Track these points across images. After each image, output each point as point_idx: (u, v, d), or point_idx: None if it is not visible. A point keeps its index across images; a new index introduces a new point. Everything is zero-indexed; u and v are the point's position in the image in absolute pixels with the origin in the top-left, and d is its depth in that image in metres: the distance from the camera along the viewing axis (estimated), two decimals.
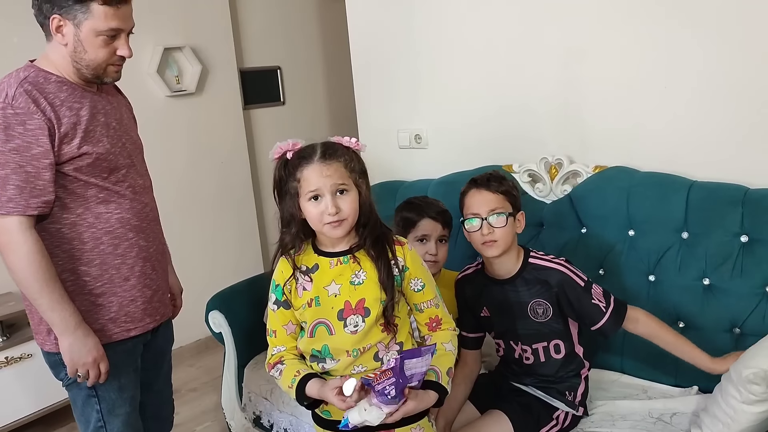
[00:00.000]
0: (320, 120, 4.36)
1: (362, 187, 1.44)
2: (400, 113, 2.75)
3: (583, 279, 1.72)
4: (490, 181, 1.76)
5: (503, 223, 1.71)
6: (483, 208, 1.72)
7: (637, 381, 1.95)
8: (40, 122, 1.47)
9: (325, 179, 1.39)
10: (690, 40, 1.98)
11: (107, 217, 1.60)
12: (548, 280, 1.73)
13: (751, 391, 1.46)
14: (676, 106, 2.04)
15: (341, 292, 1.45)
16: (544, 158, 2.26)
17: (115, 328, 1.65)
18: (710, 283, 1.85)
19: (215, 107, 3.69)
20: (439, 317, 1.52)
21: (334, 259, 1.48)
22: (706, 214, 1.87)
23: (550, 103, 2.30)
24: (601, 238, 2.05)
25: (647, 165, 2.08)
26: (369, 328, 1.44)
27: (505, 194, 1.74)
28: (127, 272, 1.65)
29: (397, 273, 1.46)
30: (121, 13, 1.52)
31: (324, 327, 1.46)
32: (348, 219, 1.42)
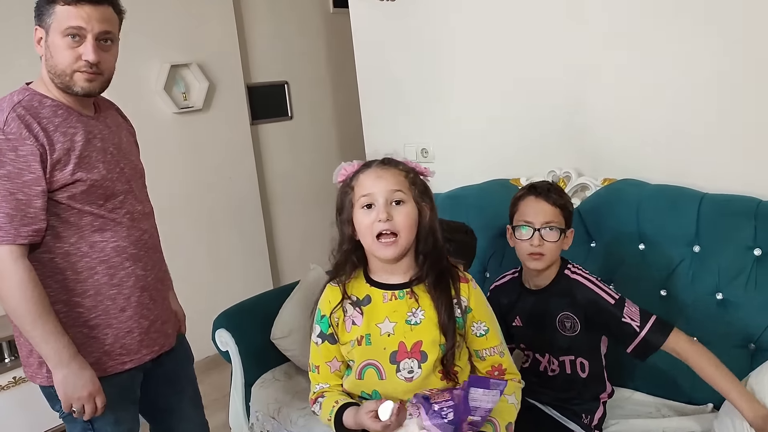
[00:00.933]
0: (328, 134, 4.35)
1: (425, 208, 1.31)
2: (406, 127, 2.74)
3: (614, 297, 1.65)
4: (550, 191, 1.70)
5: (555, 237, 1.66)
6: (539, 218, 1.66)
7: (651, 399, 1.91)
8: (32, 148, 1.42)
9: (380, 182, 1.27)
10: (700, 51, 1.95)
11: (102, 245, 1.54)
12: (576, 294, 1.67)
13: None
14: (686, 118, 2.01)
15: (395, 331, 1.30)
16: (552, 171, 2.23)
17: (109, 360, 1.58)
18: (723, 298, 1.81)
19: (223, 123, 3.69)
20: (503, 367, 1.38)
21: (388, 292, 1.33)
22: (718, 227, 1.84)
23: (558, 116, 2.28)
24: (610, 252, 2.02)
25: (657, 178, 2.04)
26: (426, 375, 1.29)
27: (562, 208, 1.69)
28: (123, 303, 1.58)
29: (459, 314, 1.31)
30: (83, 12, 1.44)
31: (374, 370, 1.32)
32: (401, 235, 1.27)
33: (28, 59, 3.00)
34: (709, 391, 1.78)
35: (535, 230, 1.66)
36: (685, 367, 1.84)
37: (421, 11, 2.59)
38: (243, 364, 2.33)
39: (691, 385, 1.85)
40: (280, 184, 4.13)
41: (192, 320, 2.28)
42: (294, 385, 2.27)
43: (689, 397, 1.86)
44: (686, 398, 1.86)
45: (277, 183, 4.11)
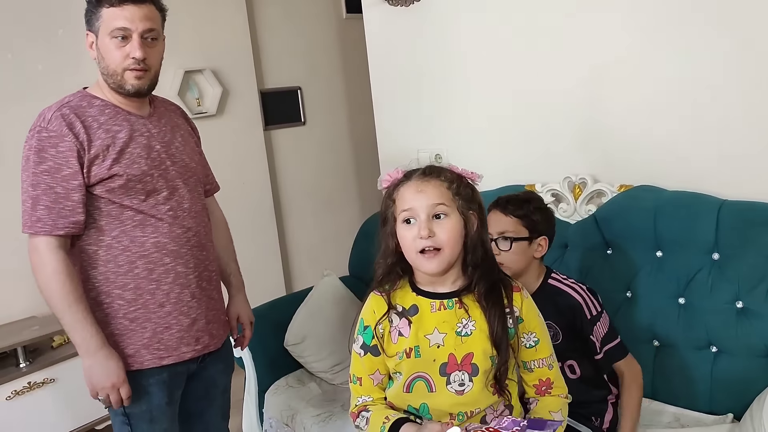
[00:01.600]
0: (342, 139, 4.35)
1: (471, 218, 1.25)
2: (419, 132, 2.72)
3: (594, 312, 1.68)
4: (508, 203, 1.76)
5: (506, 247, 1.70)
6: (494, 228, 1.71)
7: (669, 408, 1.88)
8: (70, 144, 1.50)
9: (420, 197, 1.22)
10: (719, 56, 1.92)
11: (143, 240, 1.58)
12: (560, 303, 1.69)
13: None
14: (704, 124, 1.99)
15: (445, 342, 1.25)
16: (568, 177, 2.21)
17: (147, 354, 1.60)
18: (743, 306, 1.78)
19: (236, 128, 3.70)
20: (551, 380, 1.33)
21: (436, 301, 1.28)
22: (738, 234, 1.81)
23: (574, 122, 2.26)
24: (627, 259, 1.99)
25: (674, 184, 2.02)
26: (478, 389, 1.25)
27: (522, 218, 1.72)
28: (162, 298, 1.61)
29: (511, 325, 1.26)
30: (126, 13, 1.52)
31: (423, 383, 1.28)
32: (444, 250, 1.22)
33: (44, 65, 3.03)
34: (730, 401, 1.78)
35: (492, 240, 1.68)
36: (705, 376, 1.83)
37: (434, 17, 2.58)
38: (256, 370, 2.33)
39: (711, 395, 1.83)
40: (293, 189, 4.13)
41: None
42: (307, 392, 2.26)
43: (709, 407, 1.83)
44: (706, 408, 1.83)
45: (290, 189, 4.11)
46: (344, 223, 4.17)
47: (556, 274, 1.76)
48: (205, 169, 1.88)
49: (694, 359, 1.86)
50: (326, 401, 2.18)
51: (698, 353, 1.85)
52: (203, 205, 1.76)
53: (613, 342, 1.70)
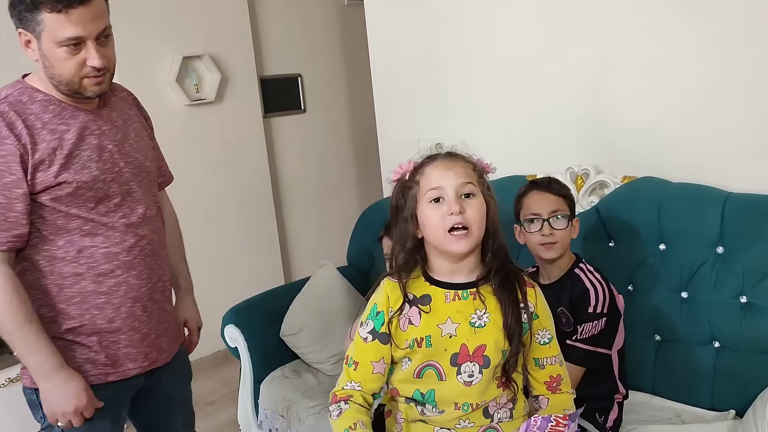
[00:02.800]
0: (342, 127, 4.31)
1: (492, 203, 1.26)
2: (420, 121, 2.68)
3: (598, 309, 1.63)
4: (551, 183, 1.76)
5: (564, 225, 1.69)
6: (545, 208, 1.70)
7: (670, 404, 1.85)
8: (12, 148, 1.33)
9: (449, 174, 1.22)
10: (724, 47, 1.88)
11: (92, 251, 1.43)
12: (572, 288, 1.68)
13: None
14: (709, 115, 1.94)
15: (458, 333, 1.24)
16: (570, 168, 2.17)
17: (93, 370, 1.47)
18: (748, 301, 1.74)
19: (235, 116, 3.66)
20: (561, 377, 1.33)
21: (450, 291, 1.27)
22: (744, 227, 1.77)
23: (577, 112, 2.21)
24: (630, 252, 1.95)
25: (678, 176, 1.98)
26: (486, 381, 1.25)
27: (565, 198, 1.74)
28: (112, 313, 1.46)
29: (526, 320, 1.26)
30: (74, 18, 1.31)
31: (434, 371, 1.27)
32: (473, 230, 1.21)
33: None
34: (732, 397, 1.75)
35: (544, 221, 1.68)
36: (707, 371, 1.80)
37: (436, 5, 2.53)
38: (252, 360, 2.30)
39: (713, 391, 1.80)
40: (292, 177, 4.09)
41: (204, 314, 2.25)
42: (303, 383, 2.24)
43: (710, 403, 1.80)
44: (707, 404, 1.80)
45: (289, 177, 4.07)
46: (344, 212, 4.13)
47: (584, 264, 1.73)
48: (159, 162, 1.73)
49: (696, 354, 1.83)
50: (322, 393, 2.15)
51: (701, 348, 1.82)
52: (158, 208, 1.62)
53: (587, 345, 1.63)
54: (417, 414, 1.30)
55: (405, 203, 1.26)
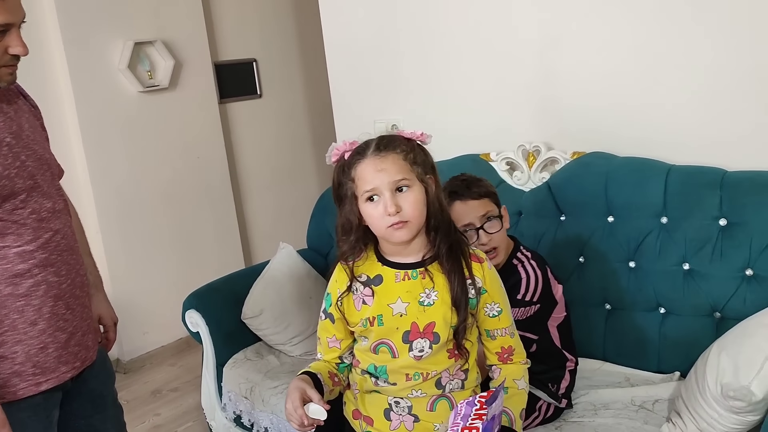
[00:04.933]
0: (299, 112, 4.30)
1: (430, 183, 1.26)
2: (376, 102, 2.71)
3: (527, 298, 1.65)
4: (470, 187, 1.71)
5: (498, 226, 1.69)
6: (474, 215, 1.68)
7: (620, 369, 1.93)
8: None
9: (381, 175, 1.22)
10: (668, 24, 1.95)
11: (4, 252, 1.32)
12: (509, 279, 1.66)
13: (734, 406, 1.44)
14: (653, 90, 2.02)
15: (408, 312, 1.28)
16: (522, 146, 2.22)
17: (21, 382, 1.35)
18: (690, 268, 1.83)
19: (190, 102, 3.62)
20: (512, 347, 1.37)
21: (401, 271, 1.30)
22: (685, 198, 1.85)
23: (527, 90, 2.27)
24: (580, 225, 2.02)
25: (625, 150, 2.05)
26: (436, 353, 1.29)
27: (490, 196, 1.72)
28: (34, 315, 1.35)
29: (474, 295, 1.29)
30: (10, 4, 1.24)
31: (386, 348, 1.31)
32: (412, 221, 1.24)
33: None
34: (678, 359, 1.83)
35: (478, 229, 1.67)
36: (654, 337, 1.89)
37: None
38: (214, 344, 2.31)
39: (659, 355, 1.88)
40: (251, 162, 4.08)
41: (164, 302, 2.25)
42: (266, 365, 2.26)
43: (657, 366, 1.88)
44: (655, 367, 1.89)
45: (248, 162, 4.06)
46: (303, 196, 4.15)
47: (521, 252, 1.74)
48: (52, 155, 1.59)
49: (643, 321, 1.91)
50: (285, 373, 2.18)
51: (647, 315, 1.90)
52: (64, 201, 1.50)
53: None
54: (371, 385, 1.35)
55: (345, 194, 1.29)
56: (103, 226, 3.28)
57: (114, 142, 3.30)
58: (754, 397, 1.38)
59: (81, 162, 3.22)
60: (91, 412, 1.57)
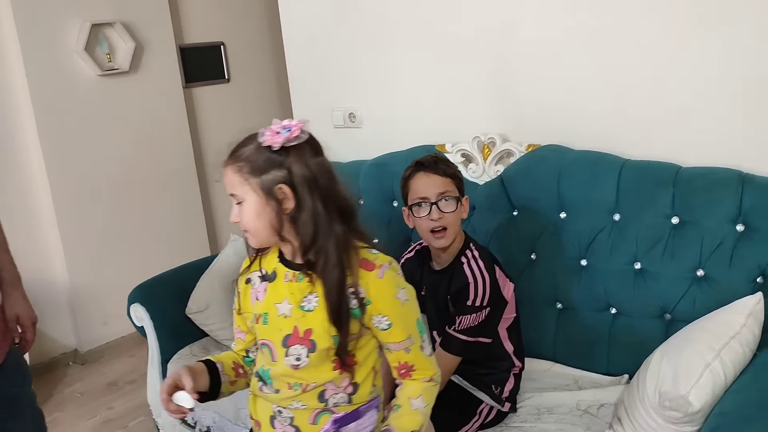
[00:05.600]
0: (268, 97, 4.20)
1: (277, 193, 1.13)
2: (334, 91, 2.62)
3: (477, 303, 1.59)
4: (437, 163, 1.66)
5: (453, 207, 1.62)
6: (432, 191, 1.62)
7: (569, 370, 1.87)
8: None
9: (226, 185, 1.19)
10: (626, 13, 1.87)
11: None
12: (453, 285, 1.64)
13: (671, 416, 1.38)
14: (611, 81, 1.94)
15: (291, 314, 1.21)
16: (477, 137, 2.14)
17: None
18: (641, 267, 1.76)
19: (152, 86, 3.51)
20: (408, 364, 1.24)
21: (291, 271, 1.22)
22: (637, 194, 1.78)
23: (484, 80, 2.19)
24: (532, 221, 1.95)
25: (582, 143, 1.97)
26: (315, 364, 1.19)
27: (453, 177, 1.66)
28: None
29: (357, 306, 1.18)
30: None
31: (267, 350, 1.24)
32: (250, 232, 1.18)
33: None
34: (626, 361, 1.77)
35: (432, 204, 1.61)
36: (604, 338, 1.83)
37: None
38: (159, 339, 2.24)
39: (608, 357, 1.82)
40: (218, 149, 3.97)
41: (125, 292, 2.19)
42: None
43: (607, 368, 1.82)
44: (604, 369, 1.83)
45: (214, 148, 3.94)
46: None
47: (471, 250, 1.66)
48: None
49: (593, 321, 1.85)
50: None
51: (598, 315, 1.84)
52: None
53: (466, 336, 1.60)
54: (257, 389, 1.28)
55: None
56: (60, 214, 3.19)
57: (71, 127, 3.20)
58: (691, 407, 1.32)
59: (35, 148, 3.12)
60: (4, 415, 1.50)
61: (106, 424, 2.73)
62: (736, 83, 1.75)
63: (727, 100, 1.77)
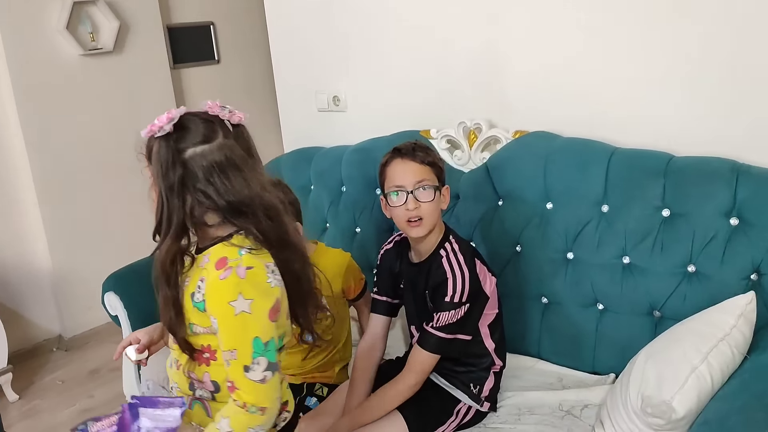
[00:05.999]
0: (260, 79, 4.09)
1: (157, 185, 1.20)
2: (318, 73, 2.52)
3: (456, 299, 1.50)
4: (415, 150, 1.56)
5: (431, 196, 1.52)
6: (409, 179, 1.53)
7: (554, 368, 1.79)
8: None
9: None
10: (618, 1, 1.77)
11: None
12: (431, 279, 1.55)
13: (653, 423, 1.30)
14: (603, 66, 1.84)
15: None
16: (462, 123, 2.05)
17: None
18: (630, 262, 1.68)
19: (138, 67, 3.41)
20: (231, 378, 1.12)
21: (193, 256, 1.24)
22: (627, 184, 1.69)
23: (470, 64, 2.09)
24: (517, 211, 1.86)
25: (571, 130, 1.88)
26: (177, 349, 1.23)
27: (432, 165, 1.55)
28: None
29: (201, 300, 1.15)
30: None
31: None
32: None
33: None
34: (613, 360, 1.70)
35: (408, 193, 1.52)
36: (590, 334, 1.75)
37: None
38: (133, 329, 2.16)
39: (595, 355, 1.75)
40: None
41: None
42: None
43: (593, 366, 1.75)
44: (590, 368, 1.75)
45: None
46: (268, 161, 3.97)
47: (450, 243, 1.57)
48: None
49: (580, 317, 1.77)
50: None
51: (584, 311, 1.76)
52: None
53: (444, 333, 1.51)
54: None
55: None
56: (42, 197, 3.11)
57: (53, 108, 3.10)
58: (674, 414, 1.24)
59: (16, 130, 3.03)
60: None
61: (85, 414, 2.67)
62: (727, 69, 1.65)
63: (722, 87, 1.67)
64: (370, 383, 1.67)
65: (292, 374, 1.76)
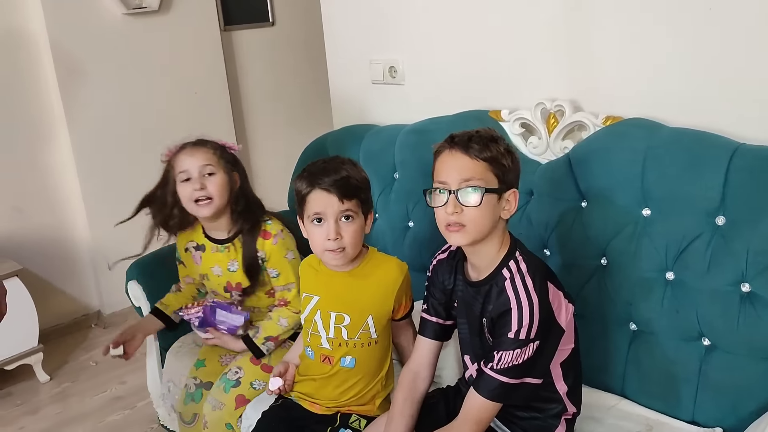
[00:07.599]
0: (317, 43, 3.78)
1: (234, 176, 1.71)
2: (373, 40, 2.21)
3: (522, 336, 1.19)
4: (472, 141, 1.24)
5: (477, 201, 1.20)
6: (454, 176, 1.22)
7: (641, 410, 1.47)
8: None
9: (192, 159, 1.66)
10: None
11: None
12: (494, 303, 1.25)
13: None
14: (720, 37, 1.46)
15: (223, 274, 1.77)
16: (541, 104, 1.71)
17: None
18: (750, 290, 1.32)
19: (185, 28, 3.19)
20: (287, 299, 1.74)
21: (214, 245, 1.78)
22: (754, 192, 1.32)
23: (552, 33, 1.73)
24: (605, 216, 1.52)
25: (677, 119, 1.52)
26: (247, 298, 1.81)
27: (491, 162, 1.23)
28: None
29: (262, 263, 1.74)
30: None
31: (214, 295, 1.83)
32: (215, 200, 1.66)
33: None
34: (721, 411, 1.37)
35: (451, 192, 1.21)
36: (692, 375, 1.42)
37: None
38: None
39: (696, 400, 1.41)
40: (259, 100, 3.65)
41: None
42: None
43: (692, 415, 1.41)
44: (688, 416, 1.42)
45: (255, 99, 3.63)
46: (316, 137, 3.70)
47: (516, 262, 1.26)
48: None
49: (679, 352, 1.43)
50: None
51: (685, 345, 1.42)
52: None
53: (507, 378, 1.21)
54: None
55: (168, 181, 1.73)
56: (81, 166, 2.95)
57: (93, 71, 2.91)
58: None
59: (55, 94, 2.86)
60: None
61: (114, 402, 2.51)
62: None
63: None
64: (412, 419, 1.38)
65: (326, 406, 1.49)
